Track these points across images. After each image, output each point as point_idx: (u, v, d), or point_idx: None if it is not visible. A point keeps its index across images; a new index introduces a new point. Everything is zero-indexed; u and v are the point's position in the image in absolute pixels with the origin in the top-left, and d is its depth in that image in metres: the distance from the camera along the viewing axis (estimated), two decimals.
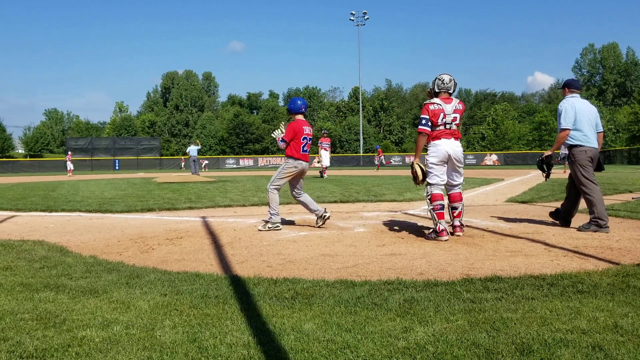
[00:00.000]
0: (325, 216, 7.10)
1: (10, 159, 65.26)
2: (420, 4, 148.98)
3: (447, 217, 6.25)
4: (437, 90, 6.20)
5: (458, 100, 6.17)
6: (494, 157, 58.05)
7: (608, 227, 6.26)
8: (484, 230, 6.65)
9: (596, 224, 6.28)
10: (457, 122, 6.12)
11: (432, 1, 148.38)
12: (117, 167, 57.24)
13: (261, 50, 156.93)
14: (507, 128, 72.22)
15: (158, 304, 3.43)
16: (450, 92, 6.17)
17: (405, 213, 8.75)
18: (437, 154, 6.07)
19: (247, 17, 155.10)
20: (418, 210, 9.11)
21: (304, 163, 7.20)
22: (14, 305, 3.43)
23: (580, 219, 7.03)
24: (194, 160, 30.28)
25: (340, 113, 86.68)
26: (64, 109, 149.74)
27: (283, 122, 7.47)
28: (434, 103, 6.10)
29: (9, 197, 13.49)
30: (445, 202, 6.18)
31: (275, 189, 7.08)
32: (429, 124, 6.07)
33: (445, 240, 5.84)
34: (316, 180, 21.22)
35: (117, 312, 3.26)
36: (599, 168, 6.78)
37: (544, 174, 7.05)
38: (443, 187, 6.22)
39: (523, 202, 10.27)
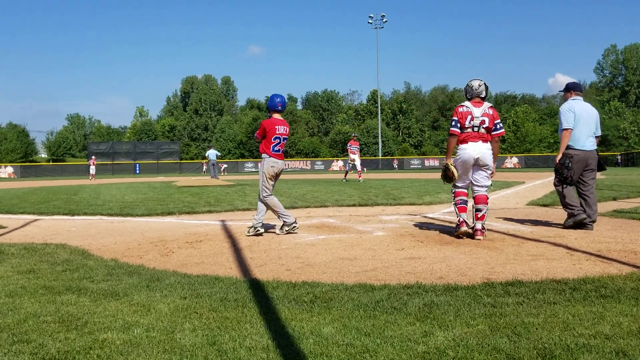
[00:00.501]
0: (294, 227, 6.87)
1: (33, 164, 66.38)
2: (438, 6, 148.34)
3: (470, 221, 6.32)
4: (468, 97, 6.40)
5: (489, 105, 6.32)
6: (515, 159, 57.54)
7: (583, 215, 6.66)
8: (505, 233, 6.58)
9: (572, 215, 6.76)
10: (486, 125, 6.22)
11: (451, 4, 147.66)
12: (137, 171, 57.87)
13: (279, 54, 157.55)
14: (528, 130, 71.51)
15: (178, 307, 3.45)
16: (482, 96, 6.32)
17: (425, 216, 8.70)
18: (462, 157, 6.27)
19: (266, 22, 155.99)
20: (438, 214, 9.05)
21: (279, 162, 7.01)
22: (36, 307, 3.48)
23: (604, 221, 6.92)
24: (213, 164, 30.49)
25: (359, 116, 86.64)
26: (86, 113, 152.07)
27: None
28: (463, 106, 6.32)
29: (32, 201, 13.70)
30: (471, 203, 6.42)
31: (269, 195, 6.96)
32: (458, 125, 6.25)
33: (464, 232, 6.12)
34: (334, 183, 21.21)
35: (138, 315, 3.29)
36: (600, 168, 6.98)
37: (566, 180, 6.85)
38: (467, 185, 6.49)
39: (544, 205, 10.15)
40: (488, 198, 6.42)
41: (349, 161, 23.37)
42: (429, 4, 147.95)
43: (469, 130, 6.21)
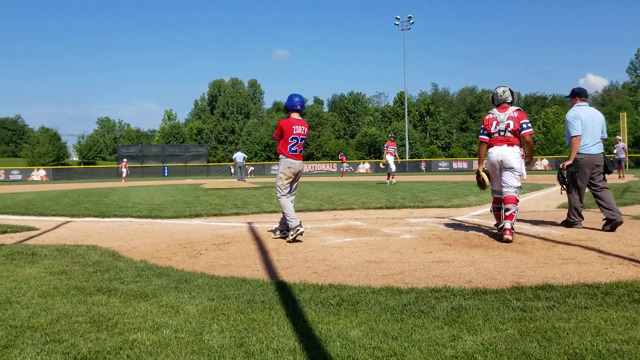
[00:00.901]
0: (299, 231, 6.47)
1: (65, 167, 67.71)
2: (466, 7, 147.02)
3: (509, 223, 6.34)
4: (496, 104, 6.72)
5: (515, 109, 6.55)
6: (545, 161, 56.53)
7: (579, 224, 7.08)
8: (535, 237, 6.48)
9: (571, 220, 7.13)
10: (511, 128, 6.43)
11: (479, 4, 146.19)
12: (166, 174, 58.59)
13: (305, 57, 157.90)
14: (559, 132, 70.26)
15: (206, 308, 3.48)
16: (508, 101, 6.61)
17: (453, 219, 8.61)
18: (489, 161, 6.64)
19: (291, 25, 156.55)
20: (466, 217, 8.95)
21: (296, 162, 6.80)
22: (68, 308, 3.55)
23: (636, 224, 6.76)
24: (240, 167, 30.70)
25: (385, 118, 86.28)
26: (116, 117, 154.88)
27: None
28: (490, 113, 6.69)
29: (64, 204, 13.99)
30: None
31: (282, 195, 6.77)
32: (485, 132, 6.65)
33: (507, 239, 6.08)
34: (360, 185, 21.16)
35: (167, 316, 3.33)
36: (606, 171, 7.11)
37: (563, 187, 7.20)
38: (500, 190, 6.65)
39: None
40: (518, 199, 6.49)
41: (382, 162, 22.54)
42: (455, 6, 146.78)
43: (496, 135, 6.52)
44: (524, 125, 6.46)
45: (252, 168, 53.66)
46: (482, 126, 6.71)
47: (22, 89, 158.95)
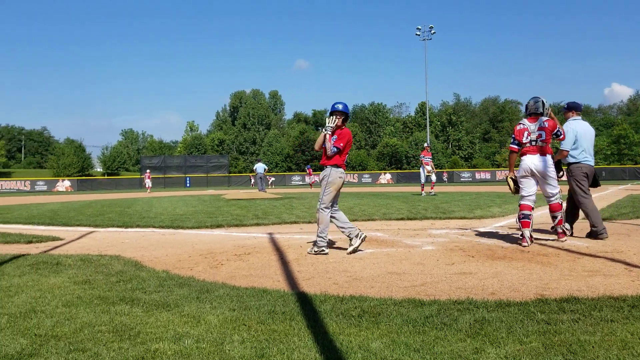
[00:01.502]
0: (361, 236, 6.37)
1: (89, 177, 68.78)
2: (488, 18, 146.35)
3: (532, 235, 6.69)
4: (528, 113, 6.93)
5: (545, 119, 6.80)
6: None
7: (604, 233, 7.05)
8: (559, 248, 6.38)
9: (594, 231, 7.15)
10: (543, 138, 6.70)
11: (502, 15, 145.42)
12: (188, 185, 59.11)
13: (326, 67, 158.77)
14: None
15: (227, 318, 3.48)
16: (539, 112, 6.82)
17: (476, 231, 8.52)
18: (521, 169, 6.88)
19: (312, 36, 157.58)
20: (489, 228, 8.85)
21: (344, 173, 6.58)
22: (92, 317, 3.58)
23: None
24: (261, 178, 30.82)
25: (407, 129, 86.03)
26: (139, 129, 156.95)
27: (331, 117, 6.56)
28: (520, 123, 6.93)
29: (88, 214, 14.18)
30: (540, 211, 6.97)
31: (326, 207, 6.41)
32: (516, 142, 6.88)
33: (525, 246, 6.47)
34: (381, 196, 21.07)
35: (188, 326, 3.34)
36: (595, 184, 7.55)
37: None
38: (533, 198, 6.84)
39: (602, 220, 9.76)
40: (562, 204, 6.91)
41: (425, 173, 21.98)
42: (478, 16, 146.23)
43: (527, 144, 6.77)
44: (558, 132, 6.84)
45: (272, 179, 53.83)
46: (513, 135, 6.94)
47: (48, 101, 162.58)
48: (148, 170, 44.92)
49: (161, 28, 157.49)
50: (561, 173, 7.47)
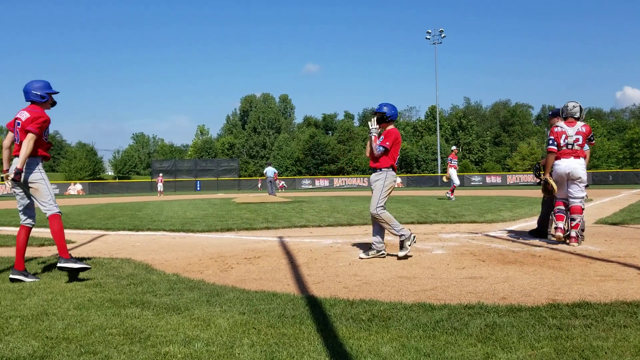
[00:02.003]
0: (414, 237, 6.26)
1: (101, 181, 69.27)
2: (499, 20, 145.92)
3: (566, 228, 7.07)
4: (564, 116, 7.14)
5: (582, 124, 7.04)
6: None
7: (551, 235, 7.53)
8: (572, 253, 6.33)
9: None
10: (580, 142, 6.95)
11: (511, 16, 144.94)
12: (198, 188, 59.33)
13: (336, 71, 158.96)
14: (596, 146, 68.81)
15: (237, 322, 3.48)
16: (576, 116, 7.06)
17: (486, 235, 8.47)
18: (556, 172, 7.10)
19: (322, 40, 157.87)
20: (500, 232, 8.80)
21: (395, 175, 6.43)
22: (102, 320, 3.60)
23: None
24: (271, 181, 30.86)
25: (417, 132, 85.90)
26: (150, 132, 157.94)
27: (374, 118, 6.45)
28: (558, 126, 7.11)
29: (99, 217, 14.27)
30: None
31: (383, 208, 6.28)
32: (555, 143, 7.03)
33: (558, 237, 6.91)
34: (391, 200, 21.02)
35: (198, 329, 3.35)
36: None
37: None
38: (566, 196, 7.11)
39: (614, 224, 9.69)
40: (583, 209, 7.05)
41: (446, 176, 21.25)
42: (488, 20, 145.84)
43: (564, 147, 6.97)
44: (591, 138, 7.13)
45: (282, 182, 53.87)
46: (552, 137, 7.09)
47: (60, 105, 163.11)
48: (160, 174, 45.17)
49: (172, 32, 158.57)
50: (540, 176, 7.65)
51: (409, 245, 6.15)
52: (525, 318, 3.43)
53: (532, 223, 10.31)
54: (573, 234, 6.90)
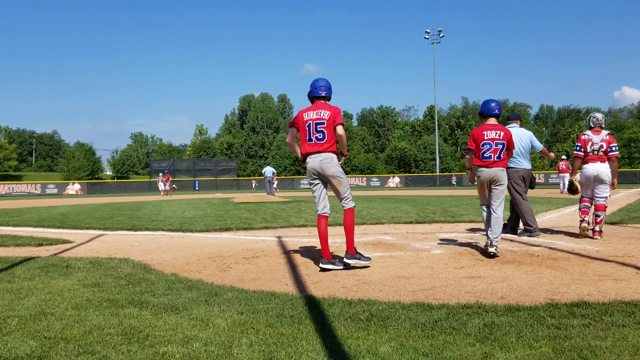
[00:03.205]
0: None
1: (99, 181, 69.18)
2: (497, 20, 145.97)
3: (591, 222, 7.72)
4: (591, 125, 7.90)
5: (607, 132, 7.82)
6: (579, 177, 55.35)
7: (538, 232, 7.98)
8: (570, 252, 6.33)
9: (527, 230, 8.02)
10: (604, 149, 7.71)
11: (510, 17, 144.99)
12: (197, 188, 59.30)
13: (334, 71, 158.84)
14: None
15: (235, 322, 3.48)
16: (602, 126, 7.86)
17: (485, 234, 8.48)
18: (584, 174, 7.89)
19: (321, 40, 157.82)
20: None
21: (486, 170, 6.47)
22: (101, 320, 3.59)
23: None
24: (269, 181, 30.87)
25: (415, 132, 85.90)
26: (149, 132, 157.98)
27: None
28: (585, 134, 7.90)
29: (97, 217, 14.26)
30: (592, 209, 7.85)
31: (483, 204, 6.75)
32: (582, 150, 7.83)
33: (583, 228, 7.62)
34: (390, 200, 21.03)
35: (197, 329, 3.34)
36: (531, 186, 8.28)
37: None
38: (590, 196, 7.92)
39: (612, 224, 9.70)
40: (606, 206, 7.85)
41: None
42: (486, 20, 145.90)
43: (590, 153, 7.75)
44: (613, 148, 7.73)
45: (276, 182, 53.87)
46: (579, 144, 7.89)
47: (59, 105, 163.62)
48: (160, 174, 45.05)
49: (170, 33, 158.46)
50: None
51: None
52: (523, 318, 3.43)
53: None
54: (597, 228, 7.62)
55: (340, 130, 5.60)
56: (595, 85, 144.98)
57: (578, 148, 7.88)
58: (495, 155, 6.41)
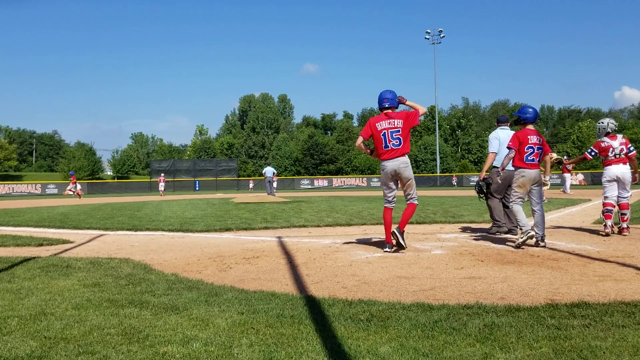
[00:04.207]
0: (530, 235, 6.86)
1: (99, 181, 69.20)
2: (498, 20, 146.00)
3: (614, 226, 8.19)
4: (608, 131, 8.51)
5: (622, 136, 8.53)
6: (580, 176, 55.36)
7: (505, 227, 8.51)
8: (570, 253, 6.33)
9: (496, 225, 8.59)
10: (625, 151, 8.36)
11: (511, 17, 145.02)
12: (197, 188, 59.29)
13: (335, 71, 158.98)
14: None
15: (235, 322, 3.48)
16: (614, 130, 8.54)
17: (485, 235, 8.47)
18: (607, 176, 8.44)
19: (320, 40, 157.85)
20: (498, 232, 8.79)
21: (529, 172, 7.13)
22: (101, 320, 3.59)
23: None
24: (270, 181, 30.86)
25: (416, 132, 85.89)
26: (149, 132, 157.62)
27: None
28: (604, 142, 8.50)
29: (98, 217, 14.26)
30: (616, 209, 8.37)
31: (514, 203, 7.20)
32: (592, 154, 8.51)
33: (607, 233, 8.04)
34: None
35: (197, 329, 3.34)
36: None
37: (481, 196, 8.83)
38: (615, 199, 8.38)
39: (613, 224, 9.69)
40: (629, 204, 8.52)
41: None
42: (486, 21, 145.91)
43: (612, 157, 8.37)
44: (631, 148, 8.42)
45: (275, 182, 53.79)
46: (595, 150, 8.50)
47: (59, 105, 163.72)
48: (162, 174, 45.00)
49: (170, 32, 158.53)
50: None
51: (522, 240, 6.83)
52: (523, 318, 3.43)
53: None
54: (624, 225, 8.22)
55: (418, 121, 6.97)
56: (596, 85, 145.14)
57: (593, 153, 8.51)
58: (537, 159, 7.20)
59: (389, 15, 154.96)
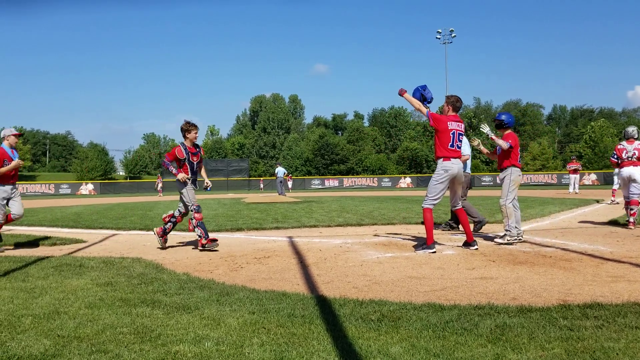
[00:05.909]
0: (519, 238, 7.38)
1: (112, 181, 69.61)
2: (510, 20, 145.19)
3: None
4: (626, 137, 9.79)
5: (639, 142, 9.69)
6: (593, 176, 54.82)
7: (485, 221, 9.23)
8: (582, 253, 6.28)
9: (475, 222, 9.11)
10: (637, 155, 9.60)
11: (523, 17, 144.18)
12: (208, 188, 59.39)
13: (345, 71, 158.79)
14: (607, 145, 68.19)
15: (247, 321, 3.49)
16: (635, 137, 9.76)
17: (497, 235, 8.43)
18: (620, 176, 9.85)
19: (331, 41, 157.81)
20: None
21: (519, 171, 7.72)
22: (113, 319, 3.62)
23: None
24: (281, 181, 30.91)
25: (427, 132, 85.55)
26: (161, 133, 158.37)
27: (484, 124, 8.17)
28: (621, 144, 9.91)
29: (110, 217, 14.36)
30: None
31: (510, 202, 7.47)
32: (617, 158, 9.91)
33: (631, 229, 8.93)
34: (402, 200, 20.97)
35: (208, 328, 3.36)
36: (469, 187, 9.84)
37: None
38: (627, 195, 9.69)
39: (625, 225, 9.61)
40: (638, 201, 9.50)
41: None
42: (499, 19, 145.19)
43: (625, 159, 9.74)
44: None
45: (290, 182, 53.87)
46: (615, 153, 10.00)
47: (72, 106, 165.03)
48: (159, 174, 45.19)
49: (182, 33, 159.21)
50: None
51: (508, 240, 7.27)
52: (535, 319, 3.41)
53: (542, 224, 10.27)
54: (631, 219, 9.28)
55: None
56: (609, 85, 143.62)
57: (614, 156, 9.99)
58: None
59: (400, 15, 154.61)
